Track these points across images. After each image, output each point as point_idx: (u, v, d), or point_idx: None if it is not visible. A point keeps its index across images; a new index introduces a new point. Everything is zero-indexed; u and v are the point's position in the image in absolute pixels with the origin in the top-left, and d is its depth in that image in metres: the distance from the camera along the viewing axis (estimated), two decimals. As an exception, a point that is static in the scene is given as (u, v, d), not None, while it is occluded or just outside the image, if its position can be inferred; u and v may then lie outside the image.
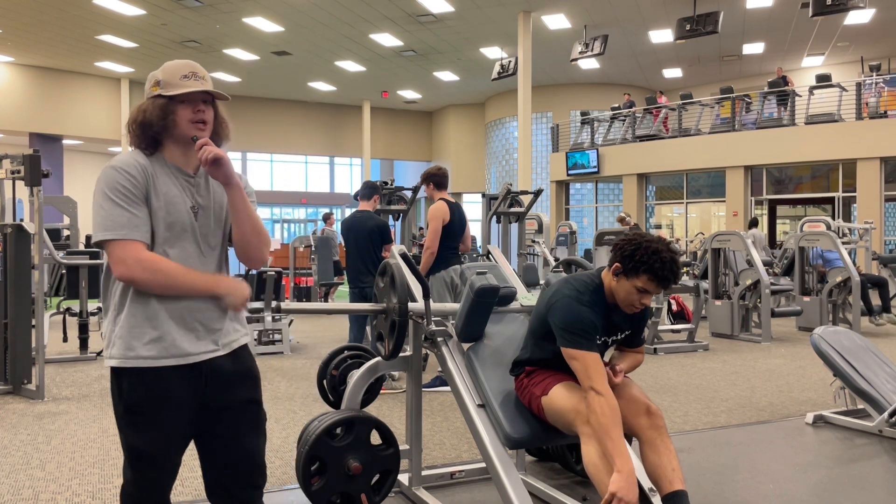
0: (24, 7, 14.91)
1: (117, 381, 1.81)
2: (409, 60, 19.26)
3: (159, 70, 1.88)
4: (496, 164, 23.57)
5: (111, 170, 1.77)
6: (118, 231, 1.73)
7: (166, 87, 1.83)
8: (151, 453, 1.83)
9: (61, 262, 7.03)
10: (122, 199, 1.74)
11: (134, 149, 1.85)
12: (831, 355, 4.40)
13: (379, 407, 4.76)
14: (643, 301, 2.46)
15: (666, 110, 18.06)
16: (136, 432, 1.82)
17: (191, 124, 1.83)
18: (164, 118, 1.81)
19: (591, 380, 2.34)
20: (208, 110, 1.87)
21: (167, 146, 1.86)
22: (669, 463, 2.36)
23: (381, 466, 2.93)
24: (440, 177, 5.59)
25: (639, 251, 2.39)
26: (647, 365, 6.61)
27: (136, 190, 1.76)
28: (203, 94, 1.86)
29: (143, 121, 1.82)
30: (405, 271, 2.94)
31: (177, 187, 1.84)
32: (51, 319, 7.50)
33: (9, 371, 5.32)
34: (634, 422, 2.44)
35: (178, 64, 1.87)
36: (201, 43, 17.64)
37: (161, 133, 1.83)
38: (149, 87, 1.87)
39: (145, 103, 1.85)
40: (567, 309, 2.46)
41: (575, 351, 2.39)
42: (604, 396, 2.31)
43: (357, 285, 5.79)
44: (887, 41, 17.26)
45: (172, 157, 1.86)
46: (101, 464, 3.64)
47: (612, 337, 2.63)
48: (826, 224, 10.30)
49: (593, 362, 2.37)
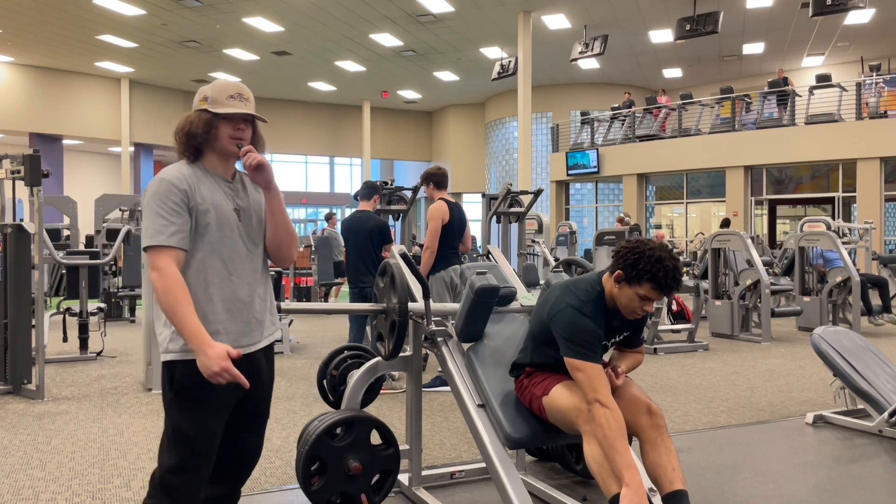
0: (24, 7, 14.91)
1: (169, 370, 1.98)
2: (409, 60, 19.26)
3: (209, 86, 2.06)
4: (496, 164, 23.57)
5: (160, 182, 1.96)
6: (155, 238, 1.92)
7: (213, 104, 2.02)
8: (195, 436, 1.97)
9: (61, 262, 7.03)
10: (166, 210, 1.93)
11: (179, 158, 2.05)
12: (831, 355, 4.40)
13: (379, 407, 4.76)
14: (645, 308, 2.45)
15: (666, 110, 18.06)
16: (185, 415, 1.97)
17: (230, 140, 2.03)
18: (208, 132, 2.01)
19: (595, 392, 2.33)
20: (247, 129, 2.06)
21: (208, 156, 2.06)
22: (670, 462, 2.36)
23: (381, 466, 2.93)
24: (440, 177, 5.59)
25: (642, 259, 2.38)
26: (647, 365, 6.61)
27: (180, 201, 1.95)
28: (245, 115, 2.05)
29: (188, 131, 2.02)
30: (405, 271, 2.94)
31: (221, 192, 2.04)
32: (51, 319, 7.50)
33: (9, 371, 5.32)
34: (635, 421, 2.44)
35: (227, 84, 2.06)
36: (201, 43, 17.64)
37: (203, 144, 2.03)
38: (197, 101, 2.05)
39: (192, 115, 2.04)
40: (571, 320, 2.45)
41: (579, 362, 2.39)
42: (609, 409, 2.30)
43: (357, 285, 5.79)
44: (887, 41, 17.26)
45: (213, 166, 2.06)
46: (101, 464, 3.64)
47: (612, 340, 2.64)
48: (826, 224, 10.30)
49: (597, 374, 2.37)
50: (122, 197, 13.10)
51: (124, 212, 11.85)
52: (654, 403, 2.48)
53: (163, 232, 1.92)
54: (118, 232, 8.74)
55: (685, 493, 2.31)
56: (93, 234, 12.26)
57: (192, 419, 1.97)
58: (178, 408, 1.98)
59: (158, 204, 1.93)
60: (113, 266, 9.90)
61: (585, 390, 2.36)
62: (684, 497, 2.30)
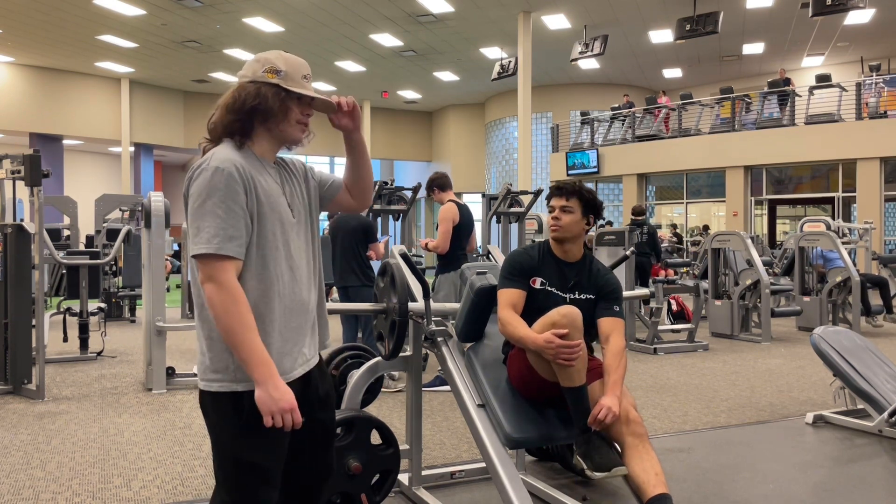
0: (24, 7, 14.91)
1: (233, 400, 1.69)
2: (409, 60, 19.26)
3: (276, 57, 1.75)
4: (496, 164, 23.57)
5: (215, 173, 1.64)
6: (212, 244, 1.62)
7: (287, 80, 1.73)
8: (269, 467, 1.74)
9: (61, 262, 7.03)
10: (224, 209, 1.64)
11: (227, 143, 1.74)
12: (831, 355, 4.40)
13: (379, 407, 4.76)
14: (554, 217, 2.74)
15: (666, 110, 18.06)
16: (256, 447, 1.71)
17: (297, 124, 1.78)
18: (281, 112, 1.74)
19: (499, 310, 2.67)
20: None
21: (260, 139, 1.77)
22: (653, 468, 2.36)
23: (381, 466, 2.93)
24: (441, 179, 5.64)
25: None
26: (647, 365, 6.61)
27: (241, 199, 1.66)
28: (326, 102, 1.82)
29: (254, 106, 1.70)
30: (405, 271, 2.93)
31: (274, 181, 1.78)
32: (51, 319, 7.50)
33: (9, 371, 5.32)
34: (615, 429, 2.44)
35: (297, 61, 1.77)
36: (201, 43, 17.64)
37: (263, 123, 1.75)
38: (261, 71, 1.73)
39: (260, 88, 1.71)
40: (505, 259, 2.83)
41: (498, 291, 2.73)
42: (506, 316, 2.62)
43: (342, 285, 5.78)
44: (887, 41, 17.26)
45: (263, 152, 1.78)
46: (101, 464, 3.64)
47: (572, 295, 2.70)
48: (826, 224, 10.30)
49: (505, 295, 2.69)
50: (122, 197, 13.10)
51: (124, 212, 11.87)
52: (633, 411, 2.46)
53: (224, 238, 1.62)
54: (118, 232, 8.74)
55: (668, 497, 2.31)
56: (93, 234, 12.26)
57: (267, 448, 1.72)
58: (248, 440, 1.70)
59: (216, 202, 1.62)
60: (113, 266, 9.91)
61: (499, 312, 2.67)
62: (668, 501, 2.30)
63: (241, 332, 1.61)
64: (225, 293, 1.61)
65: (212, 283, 1.62)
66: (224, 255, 1.62)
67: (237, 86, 1.75)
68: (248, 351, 1.61)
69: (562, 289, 2.71)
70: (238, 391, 1.69)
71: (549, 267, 2.73)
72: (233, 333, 1.61)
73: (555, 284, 2.71)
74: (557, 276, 2.72)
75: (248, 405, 1.67)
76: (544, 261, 2.75)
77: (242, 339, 1.61)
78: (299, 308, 1.78)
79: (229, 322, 1.61)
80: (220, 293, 1.61)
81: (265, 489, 1.74)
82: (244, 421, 1.69)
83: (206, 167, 1.65)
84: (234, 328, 1.61)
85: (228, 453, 1.73)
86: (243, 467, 1.72)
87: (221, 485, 1.76)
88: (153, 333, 5.34)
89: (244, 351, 1.61)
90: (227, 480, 1.74)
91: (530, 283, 2.70)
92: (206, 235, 1.62)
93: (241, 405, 1.69)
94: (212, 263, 1.62)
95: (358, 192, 1.98)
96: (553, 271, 2.72)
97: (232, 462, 1.73)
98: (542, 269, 2.72)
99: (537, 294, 2.69)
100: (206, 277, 1.63)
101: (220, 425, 1.73)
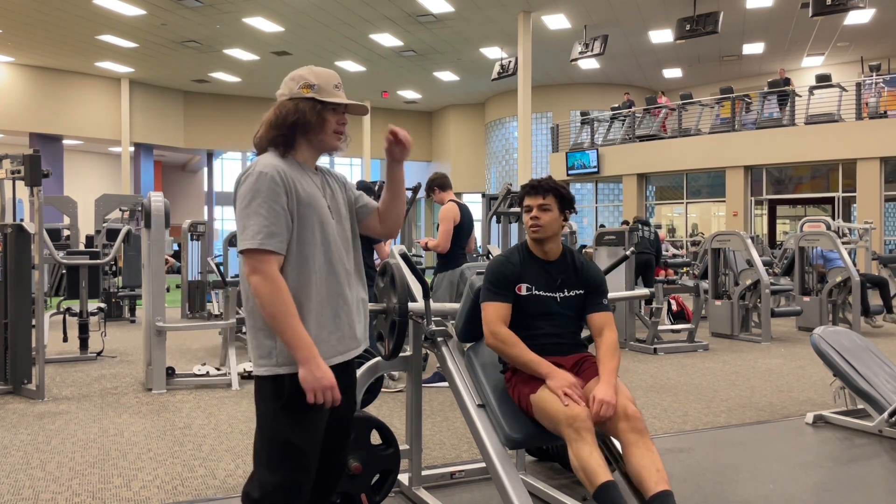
0: (24, 7, 14.92)
1: (274, 382, 1.86)
2: (409, 60, 19.27)
3: (308, 73, 1.93)
4: (496, 164, 23.57)
5: (259, 178, 1.82)
6: (257, 239, 1.79)
7: (321, 93, 1.91)
8: (306, 449, 1.88)
9: (61, 262, 7.03)
10: (268, 209, 1.81)
11: (272, 152, 1.91)
12: (831, 355, 4.40)
13: (379, 407, 4.76)
14: (532, 216, 2.69)
15: (666, 110, 18.06)
16: (295, 428, 1.87)
17: (333, 133, 1.95)
18: (319, 123, 1.91)
19: (488, 325, 2.61)
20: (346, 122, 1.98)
21: (302, 148, 1.94)
22: (653, 464, 2.32)
23: (381, 466, 2.93)
24: (441, 179, 5.67)
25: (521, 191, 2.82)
26: (647, 365, 6.61)
27: (284, 201, 1.83)
28: (361, 108, 2.00)
29: (296, 120, 1.89)
30: (405, 271, 2.93)
31: (315, 186, 1.94)
32: (51, 319, 7.50)
33: (9, 371, 5.32)
34: (614, 425, 2.42)
35: (328, 73, 1.95)
36: (201, 43, 17.65)
37: (304, 135, 1.92)
38: (297, 88, 1.92)
39: (298, 104, 1.90)
40: (487, 267, 2.76)
41: (483, 304, 2.65)
42: (500, 333, 2.58)
43: None
44: (887, 41, 17.26)
45: (305, 160, 1.95)
46: (101, 464, 3.64)
47: (561, 293, 2.68)
48: (826, 224, 10.30)
49: (491, 311, 2.62)
50: (122, 197, 13.10)
51: (124, 212, 11.87)
52: (631, 405, 2.42)
53: (267, 235, 1.79)
54: (118, 232, 8.74)
55: (670, 494, 2.29)
56: (93, 234, 12.26)
57: (304, 431, 1.88)
58: (287, 420, 1.86)
59: (260, 203, 1.80)
60: (113, 266, 9.91)
61: (485, 328, 2.63)
62: (670, 497, 2.28)
63: (284, 318, 1.78)
64: (269, 284, 1.78)
65: (257, 275, 1.79)
66: (267, 250, 1.80)
67: (277, 104, 1.94)
68: (291, 334, 1.78)
69: (549, 289, 2.68)
70: (280, 374, 1.85)
71: (533, 270, 2.69)
72: (277, 319, 1.78)
73: (542, 287, 2.68)
74: (543, 278, 2.69)
75: (289, 387, 1.84)
76: (526, 264, 2.70)
77: (286, 324, 1.78)
78: (336, 300, 1.92)
79: (273, 309, 1.78)
80: (264, 284, 1.78)
81: (302, 473, 1.88)
82: (285, 401, 1.86)
83: (252, 172, 1.84)
84: (277, 315, 1.78)
85: (270, 433, 1.88)
86: (285, 448, 1.87)
87: (265, 465, 1.88)
88: (153, 333, 5.34)
89: (288, 334, 1.79)
90: (270, 460, 1.88)
91: (516, 290, 2.66)
92: (250, 232, 1.80)
93: (282, 387, 1.85)
94: (256, 257, 1.80)
95: (389, 222, 2.13)
96: (537, 273, 2.69)
97: (271, 441, 1.88)
98: (526, 274, 2.67)
99: (526, 300, 2.66)
100: (252, 270, 1.80)
101: (263, 406, 1.90)
